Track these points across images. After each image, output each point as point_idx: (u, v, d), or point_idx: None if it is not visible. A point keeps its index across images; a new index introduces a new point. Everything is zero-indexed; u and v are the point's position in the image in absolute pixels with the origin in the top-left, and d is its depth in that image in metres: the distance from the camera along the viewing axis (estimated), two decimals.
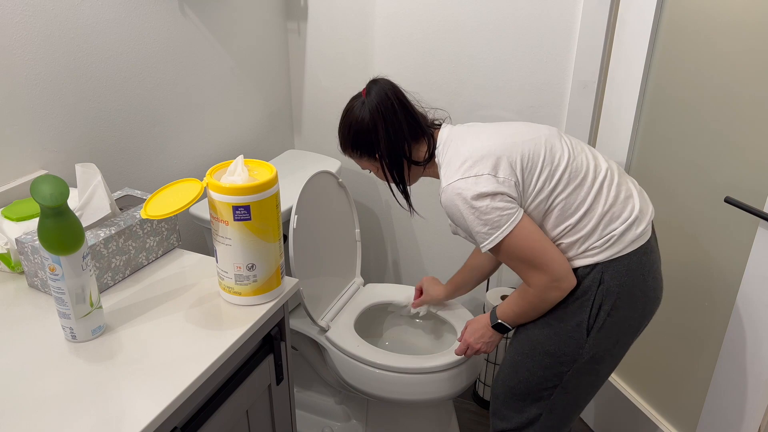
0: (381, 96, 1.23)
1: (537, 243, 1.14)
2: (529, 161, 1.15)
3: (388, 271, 2.15)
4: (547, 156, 1.16)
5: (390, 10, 1.74)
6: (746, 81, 1.21)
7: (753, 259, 1.24)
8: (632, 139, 1.51)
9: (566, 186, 1.15)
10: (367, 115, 1.23)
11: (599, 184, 1.16)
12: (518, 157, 1.15)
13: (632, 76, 1.46)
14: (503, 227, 1.12)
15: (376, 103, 1.23)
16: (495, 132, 1.20)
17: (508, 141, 1.17)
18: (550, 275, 1.14)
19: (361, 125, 1.25)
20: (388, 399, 1.56)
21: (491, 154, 1.15)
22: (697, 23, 1.30)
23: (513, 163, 1.14)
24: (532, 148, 1.16)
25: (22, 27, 1.14)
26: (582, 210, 1.15)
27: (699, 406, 1.44)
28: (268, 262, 1.00)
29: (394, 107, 1.23)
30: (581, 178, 1.16)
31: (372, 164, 1.31)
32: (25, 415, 0.80)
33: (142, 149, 1.47)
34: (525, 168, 1.15)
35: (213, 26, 1.59)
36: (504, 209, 1.12)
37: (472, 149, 1.16)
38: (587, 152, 1.21)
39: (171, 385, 0.85)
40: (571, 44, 1.54)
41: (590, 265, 1.16)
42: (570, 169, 1.16)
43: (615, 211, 1.16)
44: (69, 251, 0.87)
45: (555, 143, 1.18)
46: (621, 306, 1.17)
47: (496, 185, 1.12)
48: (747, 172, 1.24)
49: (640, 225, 1.17)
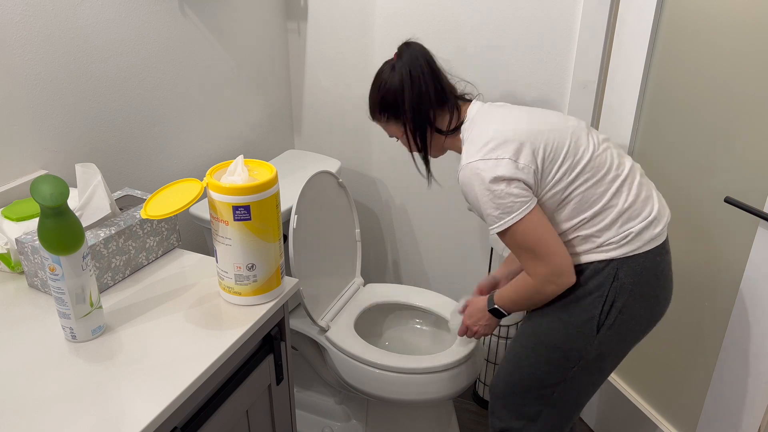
0: (412, 58, 1.24)
1: (544, 234, 1.14)
2: (552, 151, 1.15)
3: (388, 271, 2.15)
4: (571, 148, 1.16)
5: (390, 10, 1.74)
6: (746, 81, 1.21)
7: (753, 259, 1.24)
8: (632, 139, 1.51)
9: (587, 180, 1.15)
10: (396, 76, 1.24)
11: (620, 181, 1.16)
12: (541, 146, 1.15)
13: (632, 76, 1.46)
14: (514, 213, 1.13)
15: (406, 65, 1.23)
16: (523, 116, 1.20)
17: (534, 128, 1.17)
18: (551, 268, 1.15)
19: (390, 87, 1.26)
20: (388, 399, 1.56)
21: (515, 138, 1.15)
22: (697, 23, 1.30)
23: (535, 150, 1.14)
24: (557, 138, 1.16)
25: (22, 27, 1.14)
26: (600, 204, 1.15)
27: (699, 406, 1.44)
28: (268, 262, 1.00)
29: (423, 70, 1.24)
30: (603, 174, 1.16)
31: (398, 129, 1.31)
32: (25, 415, 0.80)
33: (142, 149, 1.47)
34: (546, 157, 1.15)
35: (213, 26, 1.59)
36: (518, 196, 1.12)
37: (497, 131, 1.17)
38: (612, 149, 1.21)
39: (171, 385, 0.85)
40: (571, 44, 1.54)
41: (606, 260, 1.16)
42: (592, 163, 1.16)
43: (635, 209, 1.16)
44: (69, 251, 0.87)
45: (581, 136, 1.18)
46: (633, 304, 1.17)
47: (514, 171, 1.12)
48: (747, 172, 1.24)
49: (657, 225, 1.17)
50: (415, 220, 2.00)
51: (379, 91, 1.28)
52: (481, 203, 1.16)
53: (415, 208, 1.98)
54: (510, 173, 1.12)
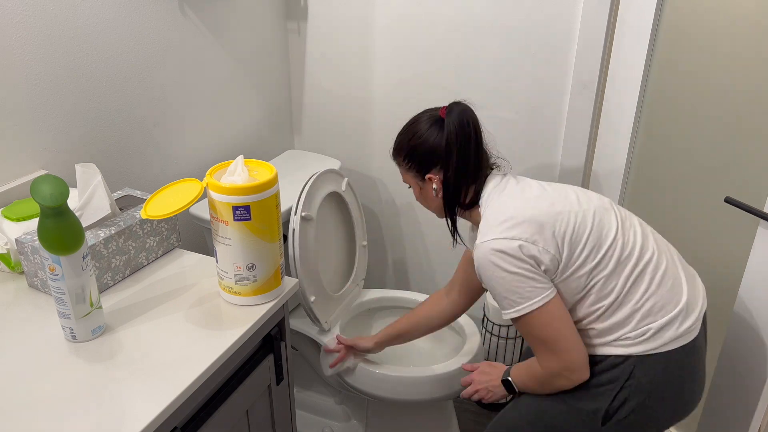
0: (460, 124, 1.15)
1: (561, 328, 1.07)
2: (574, 234, 1.08)
3: (389, 272, 2.15)
4: (594, 231, 1.09)
5: (390, 11, 1.74)
6: (746, 81, 1.21)
7: (753, 259, 1.24)
8: (632, 139, 1.51)
9: (607, 264, 1.08)
10: (437, 136, 1.16)
11: (641, 269, 1.08)
12: (563, 228, 1.08)
13: (632, 76, 1.46)
14: (531, 300, 1.06)
15: (455, 129, 1.15)
16: (544, 194, 1.14)
17: (556, 209, 1.10)
18: (564, 364, 1.08)
19: (427, 143, 1.18)
20: (388, 399, 1.56)
21: (535, 219, 1.08)
22: (697, 23, 1.30)
23: (556, 233, 1.07)
24: (579, 221, 1.09)
25: (22, 27, 1.14)
26: (617, 294, 1.07)
27: (699, 406, 1.44)
28: (268, 262, 1.00)
29: (470, 143, 1.16)
30: (624, 258, 1.08)
31: (416, 182, 1.24)
32: (25, 415, 0.80)
33: (142, 149, 1.47)
34: (567, 241, 1.08)
35: (213, 26, 1.59)
36: (536, 282, 1.06)
37: (516, 209, 1.10)
38: (637, 228, 1.13)
39: (171, 385, 0.85)
40: (571, 44, 1.54)
41: (622, 356, 1.08)
42: (615, 246, 1.09)
43: (656, 303, 1.07)
44: (69, 251, 0.87)
45: (604, 217, 1.11)
46: (651, 405, 1.08)
47: (533, 253, 1.06)
48: (747, 172, 1.24)
49: (686, 321, 1.08)
50: (416, 220, 2.00)
51: (412, 140, 1.20)
52: (495, 285, 1.08)
53: (415, 209, 1.98)
54: (528, 256, 1.05)
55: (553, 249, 1.07)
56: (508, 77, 1.66)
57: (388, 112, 1.87)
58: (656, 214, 1.48)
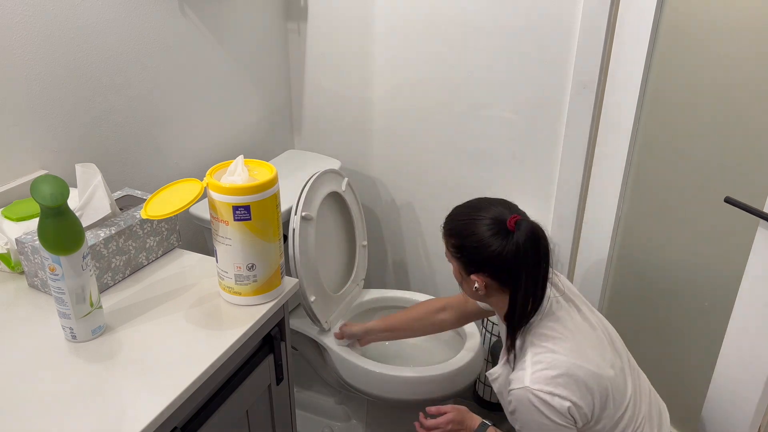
0: (531, 250, 1.08)
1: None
2: (612, 402, 1.11)
3: (389, 272, 2.15)
4: (631, 398, 1.14)
5: (390, 10, 1.74)
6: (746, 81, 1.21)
7: (753, 259, 1.23)
8: (632, 139, 1.51)
9: (617, 424, 1.13)
10: (503, 248, 1.08)
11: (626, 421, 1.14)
12: (606, 396, 1.11)
13: (632, 76, 1.46)
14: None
15: (524, 250, 1.08)
16: (592, 351, 1.13)
17: (604, 373, 1.11)
18: None
19: (488, 251, 1.10)
20: (388, 399, 1.56)
21: (585, 381, 1.08)
22: (697, 23, 1.30)
23: (598, 399, 1.10)
24: (620, 388, 1.13)
25: (22, 27, 1.14)
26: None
27: (699, 406, 1.44)
28: (268, 262, 1.00)
29: (539, 265, 1.11)
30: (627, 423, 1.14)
31: (459, 269, 1.18)
32: (25, 415, 0.80)
33: (142, 149, 1.47)
34: (605, 408, 1.11)
35: (213, 26, 1.59)
36: (568, 429, 1.08)
37: (570, 366, 1.08)
38: (642, 381, 1.21)
39: (171, 385, 0.85)
40: (571, 44, 1.54)
41: None
42: (629, 410, 1.14)
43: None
44: (69, 251, 0.87)
45: (625, 378, 1.16)
46: None
47: (577, 416, 1.08)
48: (747, 172, 1.24)
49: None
50: (416, 220, 2.00)
51: (469, 239, 1.12)
52: (531, 424, 1.09)
53: (415, 209, 1.98)
54: (572, 415, 1.07)
55: (590, 412, 1.09)
56: (508, 77, 1.66)
57: (388, 112, 1.87)
58: (656, 214, 1.48)
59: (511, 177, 1.75)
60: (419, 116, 1.82)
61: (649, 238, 1.52)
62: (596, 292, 1.69)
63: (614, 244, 1.62)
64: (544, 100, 1.63)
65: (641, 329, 1.59)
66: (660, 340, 1.55)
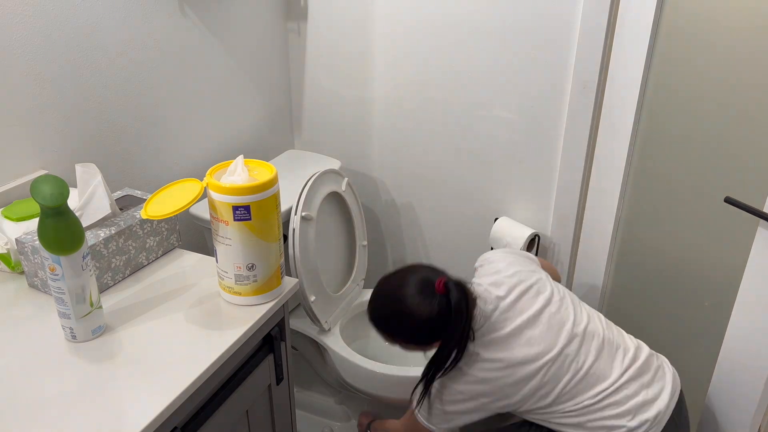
0: (455, 315, 1.13)
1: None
2: (529, 398, 1.17)
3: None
4: (546, 386, 1.17)
5: (390, 10, 1.74)
6: (746, 81, 1.21)
7: (753, 259, 1.24)
8: (632, 139, 1.51)
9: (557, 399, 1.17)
10: (427, 309, 1.14)
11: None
12: (507, 407, 1.19)
13: (632, 76, 1.46)
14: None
15: (445, 312, 1.13)
16: (507, 382, 1.18)
17: (509, 393, 1.18)
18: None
19: (428, 326, 1.15)
20: (388, 399, 1.56)
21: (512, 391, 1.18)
22: (697, 23, 1.30)
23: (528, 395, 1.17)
24: (535, 383, 1.17)
25: (22, 27, 1.14)
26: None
27: (699, 405, 1.44)
28: (268, 262, 1.00)
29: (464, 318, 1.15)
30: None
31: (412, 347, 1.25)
32: (25, 415, 0.80)
33: (142, 149, 1.47)
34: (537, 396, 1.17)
35: (213, 26, 1.59)
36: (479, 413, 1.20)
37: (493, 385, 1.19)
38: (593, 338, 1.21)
39: (171, 385, 0.85)
40: (571, 44, 1.54)
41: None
42: (569, 384, 1.17)
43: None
44: (69, 251, 0.87)
45: (564, 361, 1.17)
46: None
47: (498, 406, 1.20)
48: (747, 172, 1.24)
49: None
50: (415, 220, 2.00)
51: (408, 319, 1.17)
52: (452, 382, 1.18)
53: (415, 209, 1.98)
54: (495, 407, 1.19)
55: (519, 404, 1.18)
56: (508, 77, 1.66)
57: (388, 112, 1.87)
58: (656, 214, 1.48)
59: (511, 177, 1.75)
60: (419, 116, 1.82)
61: (649, 237, 1.52)
62: (596, 292, 1.69)
63: (614, 244, 1.62)
64: (544, 100, 1.63)
65: (641, 329, 1.59)
66: (660, 339, 1.55)
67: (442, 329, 1.14)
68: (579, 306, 1.24)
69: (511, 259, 1.30)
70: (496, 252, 1.34)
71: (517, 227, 1.71)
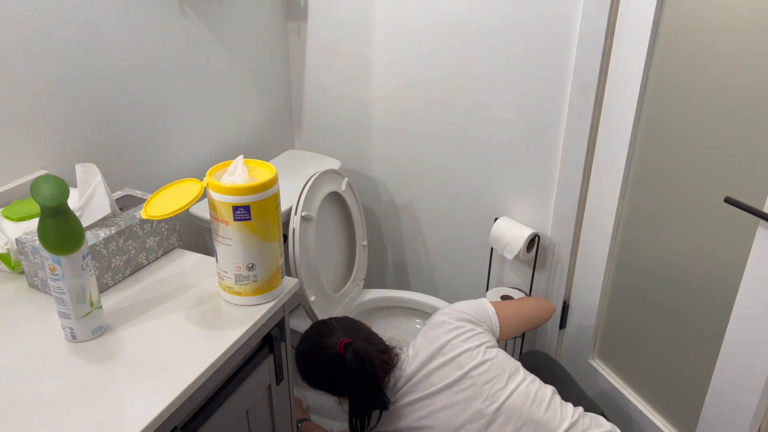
0: (362, 366, 1.21)
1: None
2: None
3: (389, 272, 2.15)
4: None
5: (390, 10, 1.74)
6: (746, 81, 1.21)
7: (753, 259, 1.23)
8: (632, 139, 1.51)
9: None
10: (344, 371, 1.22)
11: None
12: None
13: (632, 76, 1.46)
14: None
15: (355, 370, 1.21)
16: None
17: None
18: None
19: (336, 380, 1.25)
20: None
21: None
22: (697, 23, 1.30)
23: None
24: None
25: (22, 27, 1.14)
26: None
27: (699, 406, 1.44)
28: (268, 262, 1.00)
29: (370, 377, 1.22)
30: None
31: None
32: (25, 415, 0.80)
33: (143, 149, 1.47)
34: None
35: (213, 26, 1.59)
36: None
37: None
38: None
39: (171, 385, 0.85)
40: (571, 44, 1.54)
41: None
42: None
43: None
44: (69, 251, 0.87)
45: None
46: None
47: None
48: (747, 172, 1.24)
49: None
50: (415, 220, 2.00)
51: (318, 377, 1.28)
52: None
53: (415, 209, 1.98)
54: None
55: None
56: (508, 77, 1.66)
57: (388, 112, 1.87)
58: (656, 214, 1.48)
59: (511, 177, 1.75)
60: (419, 116, 1.82)
61: (649, 238, 1.52)
62: (596, 292, 1.69)
63: (614, 244, 1.62)
64: (544, 100, 1.63)
65: (641, 329, 1.59)
66: (660, 339, 1.55)
67: (339, 384, 1.25)
68: (507, 380, 1.20)
69: (452, 325, 1.28)
70: (445, 313, 1.32)
71: (517, 227, 1.71)
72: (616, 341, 1.70)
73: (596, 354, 1.79)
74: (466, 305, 1.34)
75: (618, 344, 1.70)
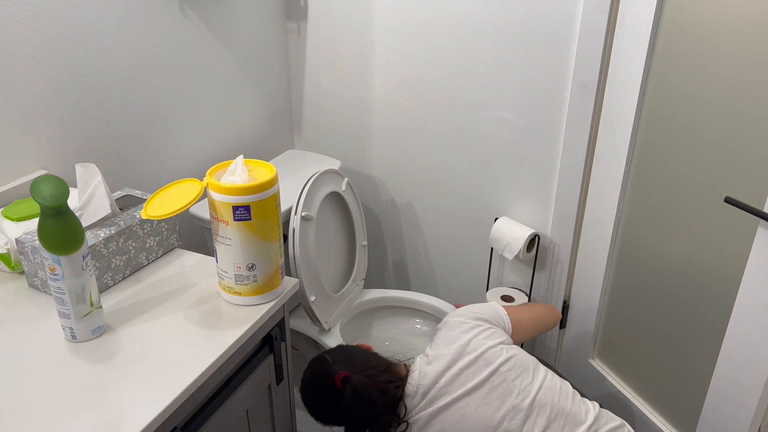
0: (360, 402, 1.18)
1: None
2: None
3: (389, 272, 2.15)
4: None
5: (390, 10, 1.74)
6: (746, 81, 1.21)
7: (753, 259, 1.23)
8: (632, 138, 1.51)
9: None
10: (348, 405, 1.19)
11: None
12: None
13: (632, 76, 1.46)
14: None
15: (355, 406, 1.18)
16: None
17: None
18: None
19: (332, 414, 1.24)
20: None
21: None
22: (697, 23, 1.30)
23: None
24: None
25: (22, 27, 1.14)
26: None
27: (699, 406, 1.44)
28: (268, 262, 1.00)
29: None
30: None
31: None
32: (25, 415, 0.80)
33: (143, 149, 1.47)
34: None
35: (213, 26, 1.59)
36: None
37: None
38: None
39: (171, 385, 0.85)
40: (571, 44, 1.54)
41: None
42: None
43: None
44: (69, 251, 0.87)
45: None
46: None
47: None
48: (747, 172, 1.24)
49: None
50: (415, 220, 2.00)
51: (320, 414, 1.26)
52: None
53: (415, 209, 1.98)
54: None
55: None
56: (508, 77, 1.66)
57: (388, 112, 1.87)
58: (656, 214, 1.48)
59: (511, 177, 1.75)
60: (419, 116, 1.82)
61: (649, 238, 1.52)
62: (596, 292, 1.69)
63: (614, 244, 1.62)
64: (544, 100, 1.63)
65: (641, 329, 1.59)
66: (660, 339, 1.55)
67: (336, 416, 1.23)
68: (533, 374, 1.21)
69: (470, 324, 1.27)
70: (460, 314, 1.32)
71: (517, 227, 1.71)
72: (616, 341, 1.71)
73: (596, 354, 1.79)
74: (477, 307, 1.33)
75: (618, 344, 1.70)
